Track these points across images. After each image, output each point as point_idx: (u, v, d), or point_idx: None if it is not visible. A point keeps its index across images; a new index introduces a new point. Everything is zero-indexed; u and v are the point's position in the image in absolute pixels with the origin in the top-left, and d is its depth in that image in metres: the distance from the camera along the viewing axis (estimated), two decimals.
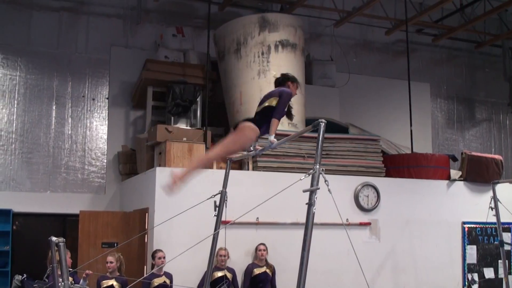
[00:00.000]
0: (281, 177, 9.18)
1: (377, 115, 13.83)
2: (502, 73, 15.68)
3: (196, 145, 9.91)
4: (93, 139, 11.92)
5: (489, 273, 10.93)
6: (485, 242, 11.01)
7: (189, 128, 11.04)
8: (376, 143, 10.99)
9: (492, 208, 8.92)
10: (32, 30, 11.73)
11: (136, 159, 11.44)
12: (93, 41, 12.15)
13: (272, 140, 5.64)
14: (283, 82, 6.12)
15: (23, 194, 11.20)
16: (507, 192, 10.21)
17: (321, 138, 4.55)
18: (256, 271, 8.97)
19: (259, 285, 8.95)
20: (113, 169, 11.91)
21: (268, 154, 9.60)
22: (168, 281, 8.29)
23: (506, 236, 10.00)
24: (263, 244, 9.06)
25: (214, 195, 6.73)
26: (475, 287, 10.75)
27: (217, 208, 6.74)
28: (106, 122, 12.05)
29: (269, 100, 5.85)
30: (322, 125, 4.55)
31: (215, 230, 6.68)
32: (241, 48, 11.10)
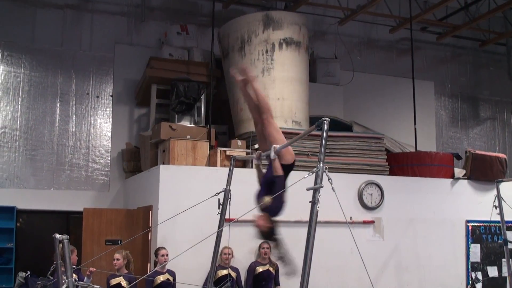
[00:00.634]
0: None
1: (381, 113, 13.82)
2: (507, 72, 15.64)
3: (200, 143, 9.92)
4: (97, 137, 11.93)
5: (492, 271, 10.92)
6: (489, 240, 11.00)
7: (193, 126, 11.03)
8: (380, 141, 10.98)
9: (496, 207, 8.91)
10: (36, 27, 11.74)
11: (140, 156, 11.46)
12: (98, 39, 12.15)
13: (273, 156, 5.47)
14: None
15: (27, 191, 11.22)
16: (511, 190, 10.19)
17: (324, 136, 4.53)
18: (259, 269, 8.98)
19: (262, 283, 8.96)
20: (117, 166, 11.93)
21: None
22: (171, 278, 8.31)
23: (510, 235, 9.95)
24: (267, 242, 9.04)
25: (218, 193, 6.74)
26: (479, 286, 10.73)
27: (221, 206, 6.74)
28: (110, 120, 12.05)
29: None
30: (326, 123, 4.54)
31: (218, 228, 6.68)
32: (245, 46, 11.10)
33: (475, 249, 10.85)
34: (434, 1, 13.46)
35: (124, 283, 7.96)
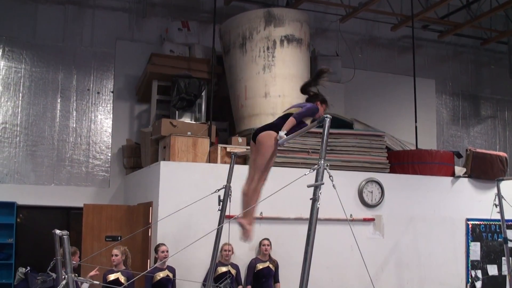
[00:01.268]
0: (285, 172, 9.12)
1: (382, 111, 13.81)
2: (508, 70, 15.60)
3: (201, 139, 9.92)
4: (97, 133, 11.93)
5: (492, 270, 10.92)
6: (489, 239, 11.00)
7: (194, 122, 11.03)
8: (381, 139, 10.97)
9: (496, 205, 8.91)
10: (37, 23, 11.73)
11: (140, 153, 11.46)
12: (99, 35, 12.15)
13: (282, 135, 5.64)
14: (312, 99, 6.27)
15: (27, 187, 11.23)
16: (511, 189, 10.18)
17: (326, 133, 4.53)
18: (259, 266, 8.98)
19: (262, 280, 8.96)
20: (117, 162, 11.93)
21: None
22: (171, 275, 8.31)
23: (510, 233, 9.95)
24: (267, 239, 9.06)
25: (218, 190, 6.73)
26: (479, 284, 10.73)
27: (221, 203, 6.74)
28: (111, 116, 12.05)
29: (295, 108, 5.99)
30: (327, 120, 4.53)
31: (219, 224, 6.67)
32: (247, 42, 11.09)
33: (475, 247, 10.85)
34: None
35: (122, 279, 7.96)
